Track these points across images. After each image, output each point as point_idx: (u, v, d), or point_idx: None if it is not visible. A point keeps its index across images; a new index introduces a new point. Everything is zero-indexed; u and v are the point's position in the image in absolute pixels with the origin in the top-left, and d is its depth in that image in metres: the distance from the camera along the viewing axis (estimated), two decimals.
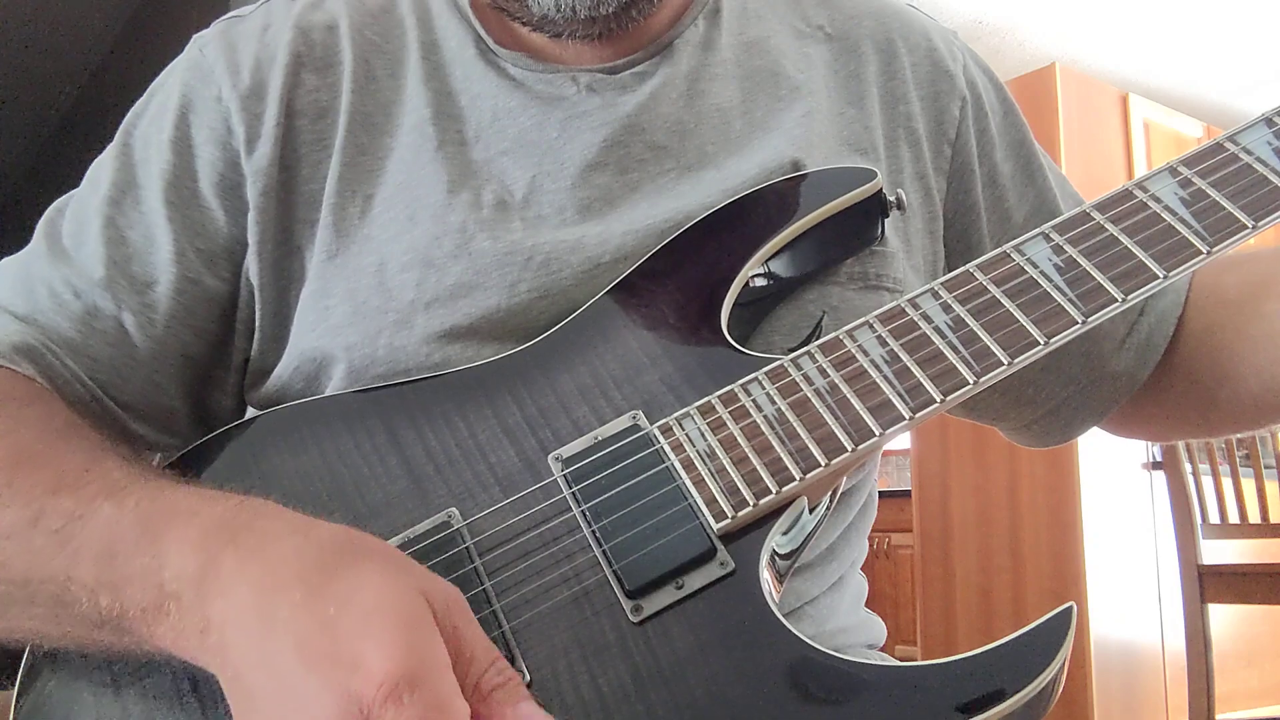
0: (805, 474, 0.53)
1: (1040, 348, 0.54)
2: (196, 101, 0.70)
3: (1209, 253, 0.56)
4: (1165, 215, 0.57)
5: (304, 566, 0.48)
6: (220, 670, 0.48)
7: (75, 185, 0.73)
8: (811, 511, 0.57)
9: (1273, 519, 2.50)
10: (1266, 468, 2.57)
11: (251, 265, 0.68)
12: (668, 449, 0.55)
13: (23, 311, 0.67)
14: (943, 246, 0.77)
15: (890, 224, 0.69)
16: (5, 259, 0.72)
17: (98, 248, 0.68)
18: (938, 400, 0.54)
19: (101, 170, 0.72)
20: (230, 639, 0.47)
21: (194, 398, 0.71)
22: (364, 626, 0.44)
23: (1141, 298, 0.55)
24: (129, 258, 0.68)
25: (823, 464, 0.53)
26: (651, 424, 0.57)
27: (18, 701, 0.55)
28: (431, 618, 0.45)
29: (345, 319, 0.65)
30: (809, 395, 0.55)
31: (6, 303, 0.68)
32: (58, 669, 0.56)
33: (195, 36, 0.74)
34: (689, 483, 0.54)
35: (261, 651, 0.46)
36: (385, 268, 0.65)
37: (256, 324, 0.69)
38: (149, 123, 0.72)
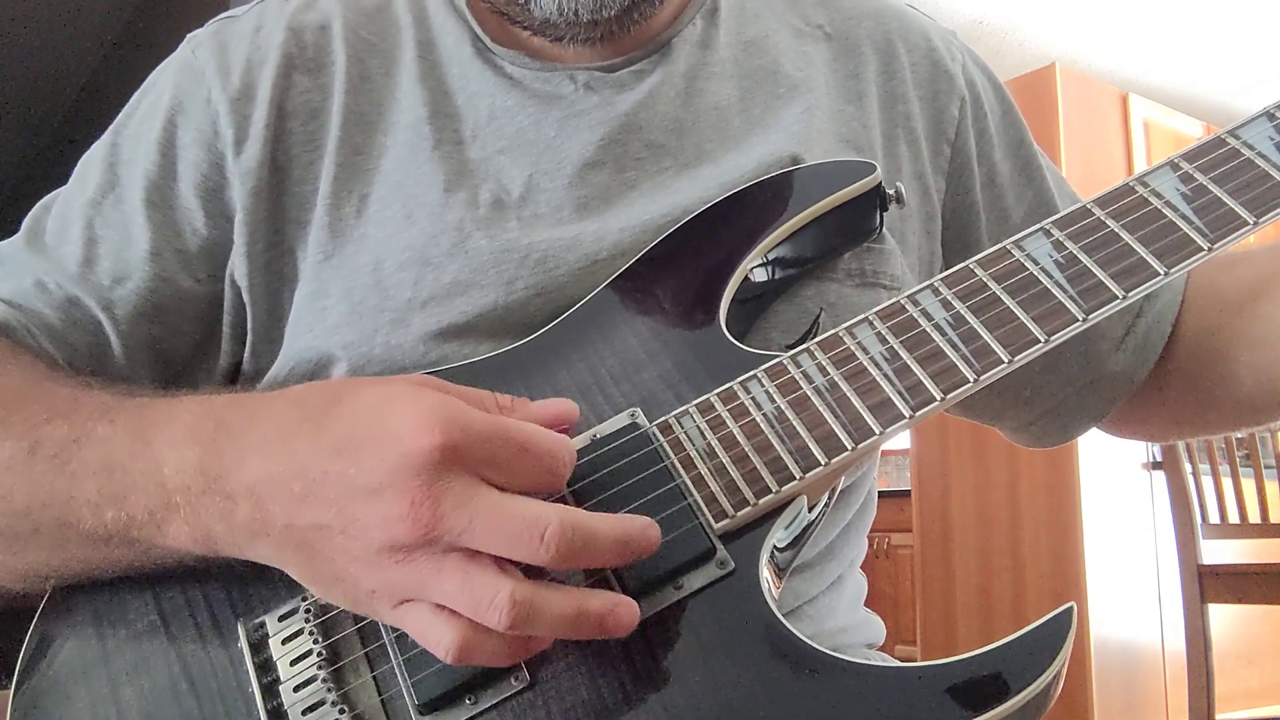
0: (805, 473, 0.53)
1: (1041, 345, 0.54)
2: (186, 103, 0.71)
3: (1210, 249, 0.55)
4: (1166, 211, 0.57)
5: (302, 410, 0.50)
6: (264, 534, 0.49)
7: None
8: (811, 510, 0.56)
9: (1273, 519, 2.50)
10: (1266, 468, 2.56)
11: (239, 267, 0.68)
12: (666, 447, 0.55)
13: (6, 295, 0.68)
14: (940, 246, 0.77)
15: (888, 222, 0.69)
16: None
17: (76, 247, 0.69)
18: (938, 399, 0.54)
19: (89, 167, 0.72)
20: (263, 495, 0.48)
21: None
22: (383, 413, 0.47)
23: (1142, 294, 0.55)
24: (104, 254, 0.69)
25: (823, 463, 0.53)
26: (650, 422, 0.56)
27: (15, 698, 0.55)
28: (429, 388, 0.49)
29: (342, 319, 0.65)
30: (808, 393, 0.55)
31: None
32: (54, 666, 0.56)
33: (189, 36, 0.74)
34: (688, 481, 0.54)
35: (302, 483, 0.47)
36: (382, 266, 0.65)
37: (249, 326, 0.69)
38: (139, 122, 0.72)
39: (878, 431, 0.53)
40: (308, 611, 0.53)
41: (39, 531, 0.56)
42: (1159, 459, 2.95)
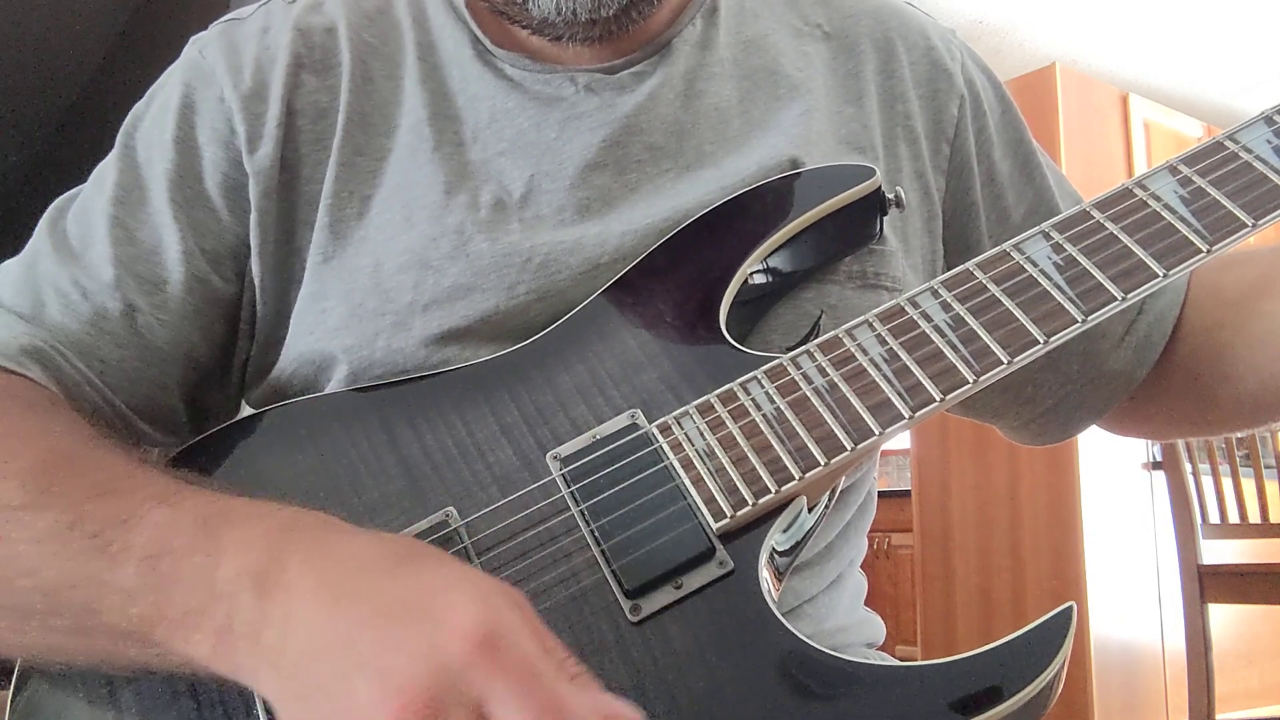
0: (804, 473, 0.53)
1: (1040, 346, 0.54)
2: (198, 102, 0.70)
3: (1209, 251, 0.56)
4: (1165, 214, 0.57)
5: (374, 557, 0.47)
6: (274, 669, 0.46)
7: (75, 186, 0.73)
8: (810, 510, 0.57)
9: (1273, 519, 2.49)
10: (1266, 468, 2.56)
11: (255, 266, 0.68)
12: (666, 448, 0.55)
13: (29, 312, 0.66)
14: (942, 245, 0.77)
15: (889, 222, 0.69)
16: (7, 261, 0.71)
17: (105, 249, 0.67)
18: (937, 399, 0.54)
19: (105, 172, 0.71)
20: (293, 629, 0.45)
21: (193, 397, 0.71)
22: (445, 590, 0.44)
23: (1141, 296, 0.55)
24: (137, 258, 0.68)
25: (822, 463, 0.53)
26: (650, 423, 0.57)
27: (13, 701, 0.55)
28: (507, 597, 0.45)
29: (342, 321, 0.65)
30: (808, 394, 0.55)
31: (11, 304, 0.67)
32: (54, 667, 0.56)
33: (194, 39, 0.74)
34: (688, 482, 0.54)
35: (332, 634, 0.44)
36: (382, 269, 0.65)
37: (257, 325, 0.69)
38: (150, 124, 0.72)
39: (877, 432, 0.53)
40: None
41: (58, 613, 0.52)
42: (1159, 459, 2.95)
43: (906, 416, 0.54)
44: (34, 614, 0.52)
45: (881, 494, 0.82)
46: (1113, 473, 3.14)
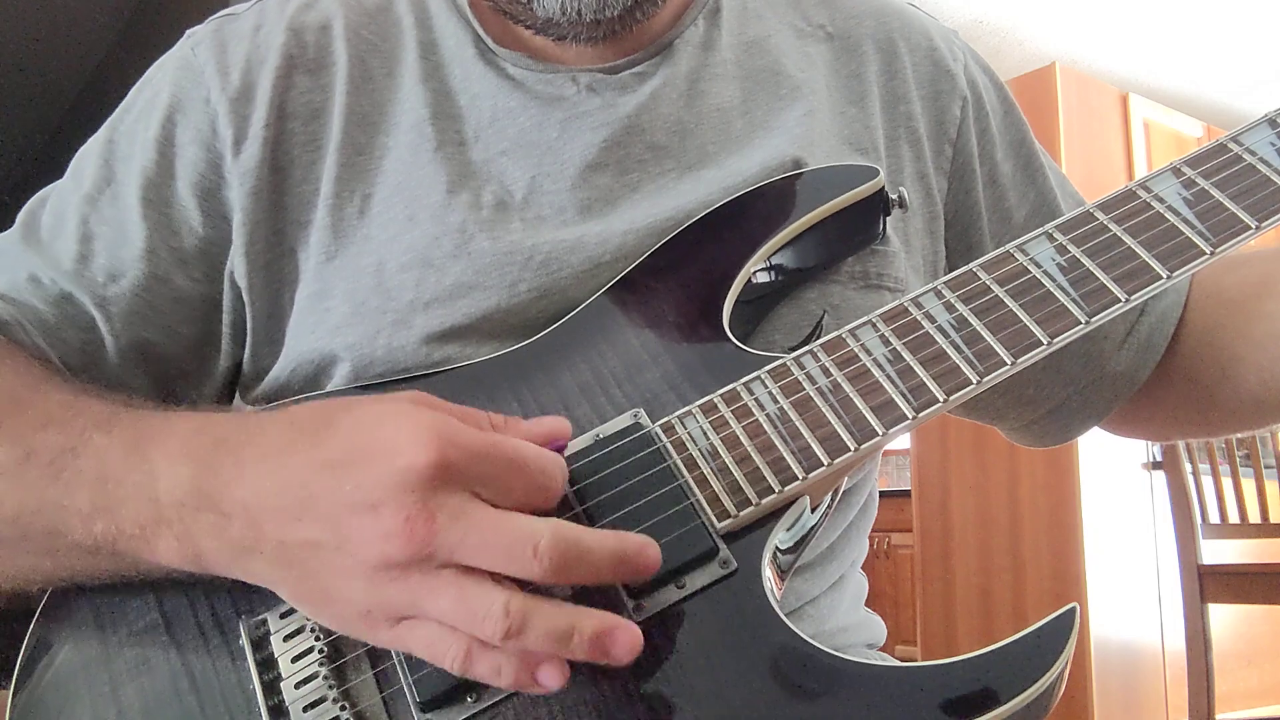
0: (808, 473, 0.53)
1: (1043, 348, 0.54)
2: (185, 102, 0.70)
3: (1212, 253, 0.56)
4: (1169, 215, 0.57)
5: (298, 429, 0.50)
6: (256, 552, 0.49)
7: None
8: (813, 510, 0.57)
9: (1273, 519, 2.50)
10: (1266, 468, 2.57)
11: (238, 267, 0.68)
12: (669, 447, 0.55)
13: (2, 289, 0.68)
14: (944, 246, 0.77)
15: (891, 223, 0.69)
16: None
17: (70, 242, 0.69)
18: (941, 400, 0.54)
19: (85, 162, 0.72)
20: (257, 512, 0.48)
21: (166, 396, 0.70)
22: (378, 430, 0.47)
23: (1144, 298, 0.55)
24: (99, 251, 0.68)
25: (825, 463, 0.53)
26: (653, 422, 0.56)
27: (14, 698, 0.55)
28: (423, 406, 0.49)
29: (344, 319, 0.65)
30: (811, 394, 0.55)
31: None
32: (54, 665, 0.56)
33: (188, 33, 0.74)
34: (691, 481, 0.54)
35: (296, 499, 0.47)
36: (384, 268, 0.65)
37: (249, 327, 0.69)
38: (135, 119, 0.72)
39: (880, 432, 0.53)
40: None
41: (27, 538, 0.55)
42: (1159, 459, 2.95)
43: (910, 417, 0.54)
44: (5, 540, 0.56)
45: (881, 494, 0.82)
46: (1113, 473, 3.14)
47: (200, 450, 0.52)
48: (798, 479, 0.53)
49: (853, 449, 0.53)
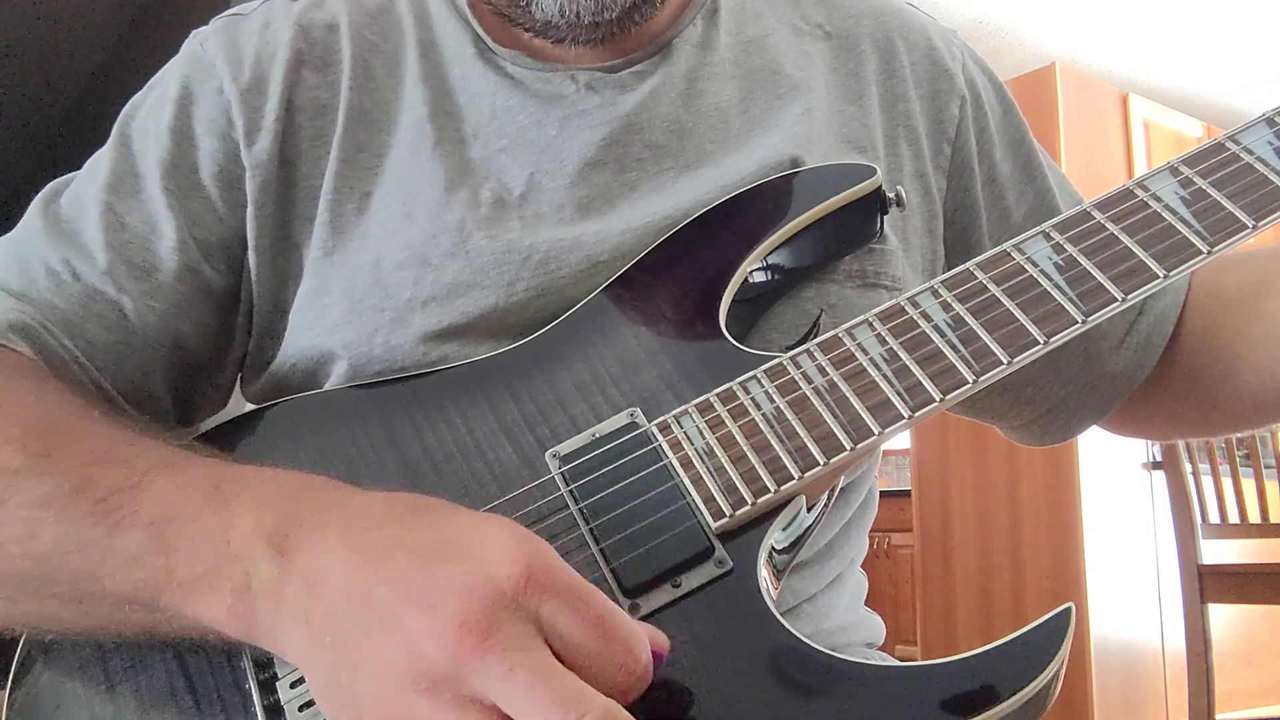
0: (804, 473, 0.53)
1: (1040, 347, 0.54)
2: (197, 93, 0.70)
3: (1209, 252, 0.56)
4: (1166, 215, 0.57)
5: (390, 508, 0.47)
6: (301, 623, 0.44)
7: None
8: (809, 510, 0.57)
9: (1273, 519, 2.49)
10: (1266, 468, 2.56)
11: (251, 260, 0.68)
12: (665, 447, 0.55)
13: (18, 289, 0.66)
14: (942, 245, 0.77)
15: (889, 222, 0.69)
16: None
17: (97, 234, 0.67)
18: (937, 399, 0.54)
19: (100, 160, 0.71)
20: (322, 580, 0.44)
21: (179, 387, 0.70)
22: (474, 531, 0.44)
23: (1141, 297, 0.55)
24: (129, 244, 0.67)
25: (821, 463, 0.53)
26: (649, 421, 0.56)
27: (10, 696, 0.55)
28: (530, 532, 0.45)
29: (342, 317, 0.65)
30: (808, 394, 0.55)
31: (1, 280, 0.67)
32: (50, 664, 0.56)
33: (194, 33, 0.74)
34: (687, 481, 0.54)
35: (367, 577, 0.43)
36: (381, 265, 0.65)
37: (254, 318, 0.69)
38: (147, 113, 0.72)
39: (876, 432, 0.53)
40: None
41: (54, 580, 0.51)
42: (1159, 459, 2.95)
43: (906, 416, 0.54)
44: (28, 581, 0.52)
45: (881, 494, 0.82)
46: (1113, 473, 3.14)
47: (288, 506, 0.48)
48: (794, 479, 0.53)
49: (849, 448, 0.53)
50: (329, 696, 0.44)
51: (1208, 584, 2.42)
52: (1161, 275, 0.55)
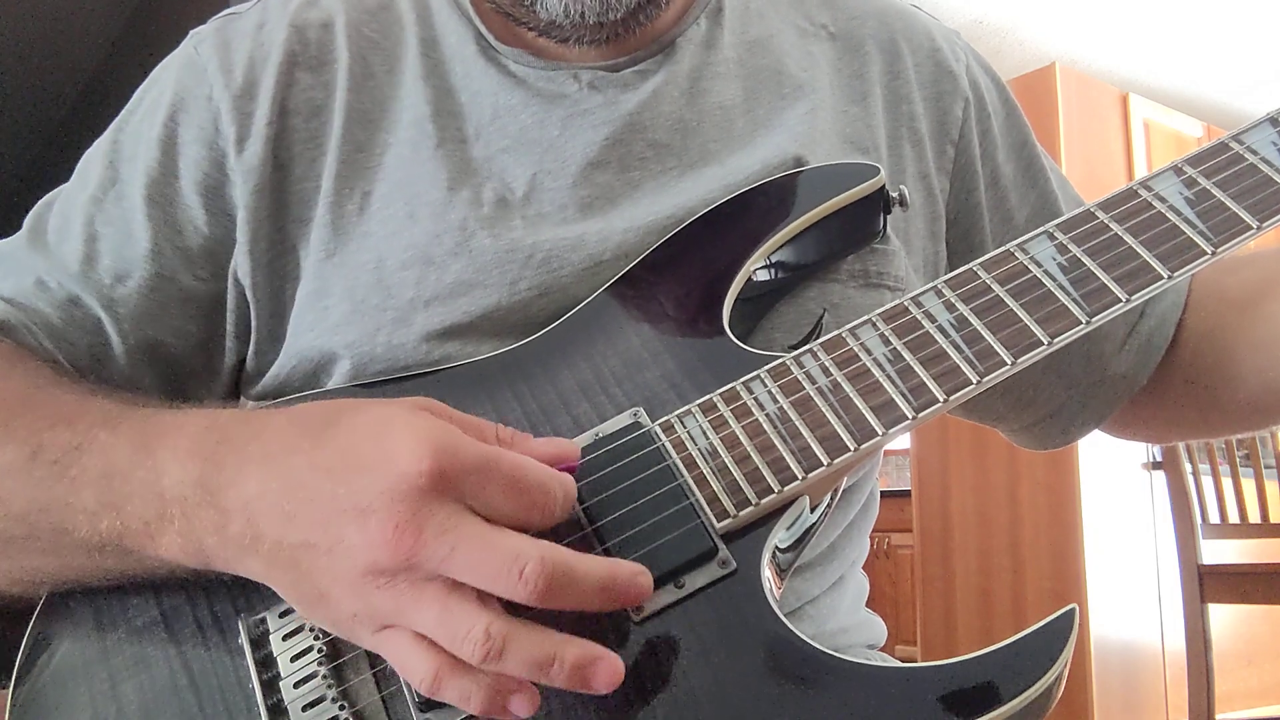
0: (807, 473, 0.53)
1: (1044, 347, 0.54)
2: (188, 100, 0.70)
3: (1214, 253, 0.55)
4: (1170, 215, 0.57)
5: (301, 429, 0.50)
6: (254, 551, 0.49)
7: None
8: (813, 510, 0.56)
9: (1273, 519, 2.50)
10: (1266, 468, 2.57)
11: (242, 264, 0.68)
12: (669, 446, 0.55)
13: (7, 293, 0.68)
14: (945, 247, 0.77)
15: (892, 222, 0.69)
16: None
17: (78, 244, 0.69)
18: (941, 400, 0.54)
19: (90, 164, 0.72)
20: (256, 512, 0.48)
21: (174, 395, 0.70)
22: (378, 436, 0.47)
23: (1145, 298, 0.55)
24: (104, 252, 0.68)
25: (825, 463, 0.53)
26: (653, 421, 0.56)
27: (13, 695, 0.55)
28: (428, 413, 0.49)
29: (344, 317, 0.65)
30: (811, 394, 0.55)
31: None
32: (53, 663, 0.56)
33: (192, 32, 0.74)
34: (690, 481, 0.54)
35: (293, 501, 0.47)
36: (384, 265, 0.65)
37: (252, 324, 0.69)
38: (140, 119, 0.72)
39: (880, 432, 0.53)
40: None
41: (34, 537, 0.56)
42: (1159, 459, 2.95)
43: (910, 417, 0.53)
44: (13, 540, 0.56)
45: (882, 494, 0.82)
46: (1113, 473, 3.14)
47: (206, 447, 0.52)
48: (797, 479, 0.53)
49: (852, 449, 0.53)
50: (301, 603, 0.49)
51: (1208, 584, 2.42)
52: (1165, 276, 0.55)
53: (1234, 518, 2.51)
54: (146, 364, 0.69)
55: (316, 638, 0.52)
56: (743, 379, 0.57)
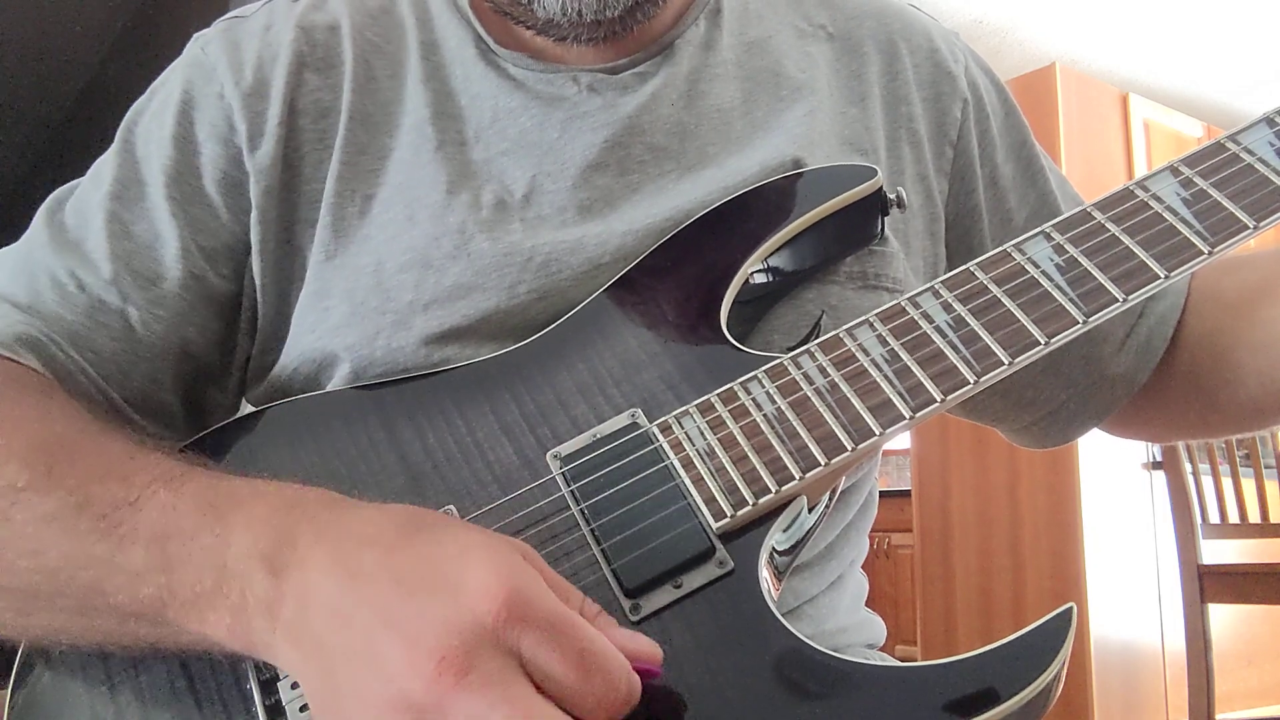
0: (805, 473, 0.53)
1: (1041, 347, 0.54)
2: (199, 98, 0.70)
3: (1210, 253, 0.56)
4: (1166, 215, 0.57)
5: (383, 528, 0.47)
6: (294, 642, 0.46)
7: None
8: (810, 510, 0.57)
9: (1273, 519, 2.49)
10: (1266, 468, 2.56)
11: (255, 264, 0.68)
12: (666, 447, 0.55)
13: (25, 301, 0.66)
14: (944, 248, 0.77)
15: (890, 224, 0.69)
16: (3, 249, 0.71)
17: (101, 243, 0.67)
18: (938, 400, 0.54)
19: (104, 167, 0.71)
20: (312, 601, 0.45)
21: (189, 394, 0.70)
22: (461, 558, 0.44)
23: (1142, 298, 0.55)
24: (134, 253, 0.68)
25: (822, 463, 0.53)
26: (650, 422, 0.56)
27: (12, 697, 0.55)
28: (520, 556, 0.45)
29: (344, 319, 0.65)
30: (809, 394, 0.55)
31: (7, 292, 0.67)
32: (52, 665, 0.56)
33: (196, 35, 0.74)
34: (688, 481, 0.54)
35: (351, 601, 0.44)
36: (383, 268, 0.65)
37: (259, 323, 0.69)
38: (150, 119, 0.72)
39: (878, 432, 0.53)
40: None
41: (63, 594, 0.52)
42: (1159, 459, 2.95)
43: (907, 417, 0.54)
44: (39, 595, 0.53)
45: (881, 494, 0.82)
46: (1113, 473, 3.14)
47: (283, 520, 0.48)
48: (794, 479, 0.53)
49: (850, 449, 0.53)
50: (320, 710, 0.46)
51: (1208, 584, 2.42)
52: (1162, 276, 0.55)
53: (1234, 518, 2.51)
54: (172, 364, 0.68)
55: None
56: (740, 380, 0.57)
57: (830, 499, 0.59)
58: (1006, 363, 0.54)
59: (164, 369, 0.68)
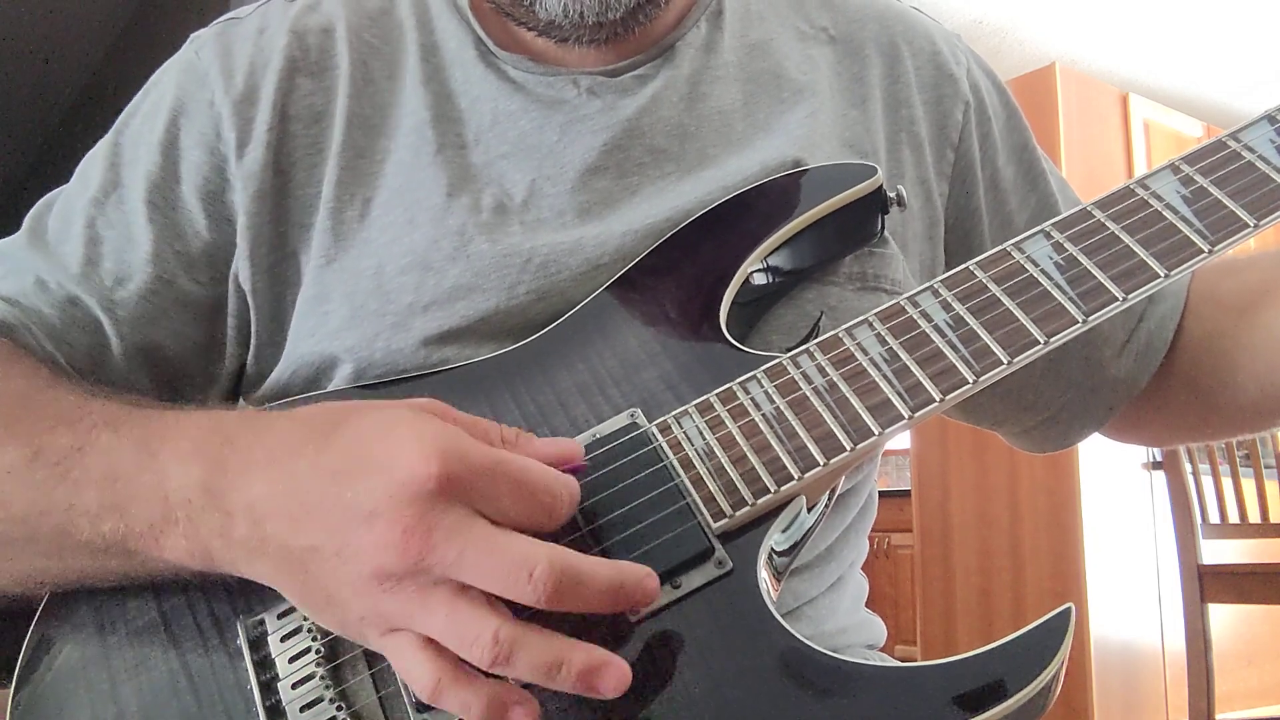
0: (804, 473, 0.53)
1: (1040, 347, 0.54)
2: (189, 105, 0.70)
3: (1210, 251, 0.55)
4: (1166, 214, 0.57)
5: (306, 432, 0.50)
6: (260, 554, 0.49)
7: None
8: (810, 510, 0.56)
9: (1273, 519, 2.50)
10: (1266, 468, 2.57)
11: (243, 270, 0.68)
12: (665, 447, 0.55)
13: (7, 293, 0.67)
14: (943, 252, 0.77)
15: (890, 226, 0.69)
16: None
17: (78, 245, 0.69)
18: (937, 399, 0.54)
19: (91, 166, 0.72)
20: (261, 515, 0.48)
21: (171, 399, 0.70)
22: (383, 439, 0.47)
23: (1142, 297, 0.55)
24: (106, 255, 0.68)
25: (821, 463, 0.53)
26: (649, 422, 0.56)
27: (14, 696, 0.55)
28: (432, 415, 0.49)
29: (343, 322, 0.65)
30: (808, 394, 0.55)
31: None
32: (54, 664, 0.56)
33: (193, 36, 0.74)
34: (687, 481, 0.54)
35: (300, 504, 0.47)
36: (383, 270, 0.65)
37: (252, 329, 0.69)
38: (141, 122, 0.72)
39: (876, 432, 0.53)
40: None
41: (35, 539, 0.55)
42: (1159, 459, 2.95)
43: (906, 417, 0.53)
44: (14, 542, 0.56)
45: (881, 494, 0.82)
46: (1113, 473, 3.14)
47: (209, 450, 0.52)
48: (794, 479, 0.53)
49: (849, 449, 0.53)
50: (308, 606, 0.49)
51: (1208, 584, 2.42)
52: (1162, 274, 0.55)
53: (1234, 518, 2.51)
54: (144, 366, 0.69)
55: (315, 639, 0.52)
56: (739, 379, 0.57)
57: (829, 499, 0.59)
58: (1006, 362, 0.54)
59: (137, 370, 0.68)
